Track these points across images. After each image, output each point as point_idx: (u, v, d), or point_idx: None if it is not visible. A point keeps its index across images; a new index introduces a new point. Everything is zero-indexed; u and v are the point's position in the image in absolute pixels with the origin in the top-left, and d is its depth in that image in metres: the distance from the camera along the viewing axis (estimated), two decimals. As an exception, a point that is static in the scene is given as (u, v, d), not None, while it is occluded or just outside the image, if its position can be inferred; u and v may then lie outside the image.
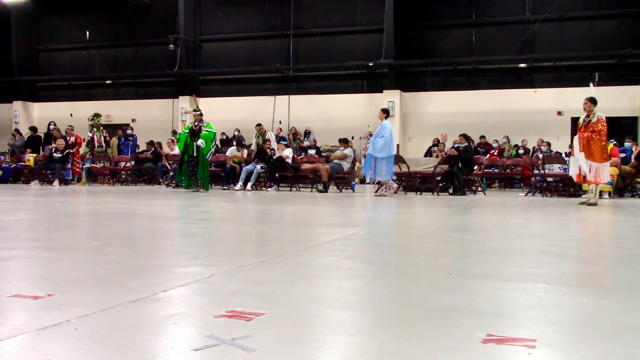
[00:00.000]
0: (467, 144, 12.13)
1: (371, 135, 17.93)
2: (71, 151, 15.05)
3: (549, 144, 15.94)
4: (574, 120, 10.17)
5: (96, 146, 15.78)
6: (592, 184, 8.90)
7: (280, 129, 18.98)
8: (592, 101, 8.84)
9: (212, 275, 2.80)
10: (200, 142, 11.59)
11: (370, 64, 19.02)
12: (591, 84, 9.89)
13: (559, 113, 17.48)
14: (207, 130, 11.76)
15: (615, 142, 12.34)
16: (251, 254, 3.84)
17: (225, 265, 3.13)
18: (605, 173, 8.73)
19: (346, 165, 12.56)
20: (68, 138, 15.27)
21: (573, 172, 9.18)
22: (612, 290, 2.70)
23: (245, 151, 14.19)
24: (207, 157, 11.98)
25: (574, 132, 10.36)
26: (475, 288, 2.64)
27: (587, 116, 8.84)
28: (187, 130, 11.91)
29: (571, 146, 9.40)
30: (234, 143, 15.28)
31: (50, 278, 2.80)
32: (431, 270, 3.16)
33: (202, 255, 3.65)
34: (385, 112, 10.99)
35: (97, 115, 16.06)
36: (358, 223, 6.09)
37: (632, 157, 12.41)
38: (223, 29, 21.29)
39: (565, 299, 2.47)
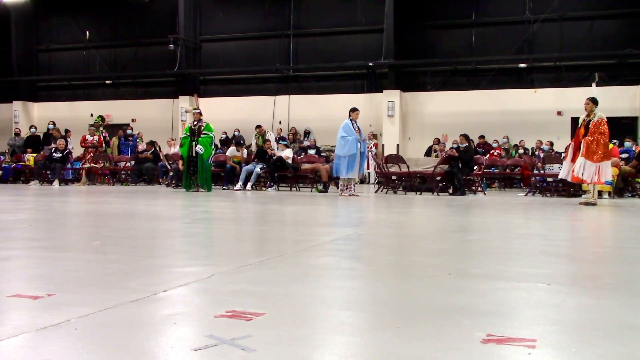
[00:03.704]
0: (467, 144, 12.13)
1: (373, 135, 18.04)
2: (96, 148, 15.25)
3: (551, 143, 15.93)
4: (574, 120, 10.17)
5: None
6: (590, 184, 8.91)
7: (281, 129, 18.99)
8: (594, 101, 8.85)
9: (212, 275, 2.80)
10: (199, 148, 11.58)
11: (370, 64, 19.02)
12: (593, 84, 9.90)
13: (559, 113, 17.48)
14: (205, 133, 11.74)
15: (616, 142, 12.33)
16: (251, 254, 3.84)
17: (225, 265, 3.13)
18: (607, 171, 8.73)
19: (346, 165, 12.53)
20: (92, 138, 15.37)
21: (564, 175, 9.21)
22: (612, 290, 2.70)
23: (245, 151, 14.19)
24: (209, 160, 11.99)
25: (573, 132, 10.35)
26: (475, 288, 2.64)
27: (588, 116, 8.84)
28: (187, 133, 11.90)
29: (566, 151, 9.37)
30: (234, 143, 15.27)
31: (50, 278, 2.80)
32: (431, 270, 3.16)
33: (202, 255, 3.65)
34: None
35: (100, 117, 16.13)
36: (358, 223, 6.09)
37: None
38: (223, 29, 21.29)
39: (565, 299, 2.47)
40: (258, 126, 15.23)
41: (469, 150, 12.29)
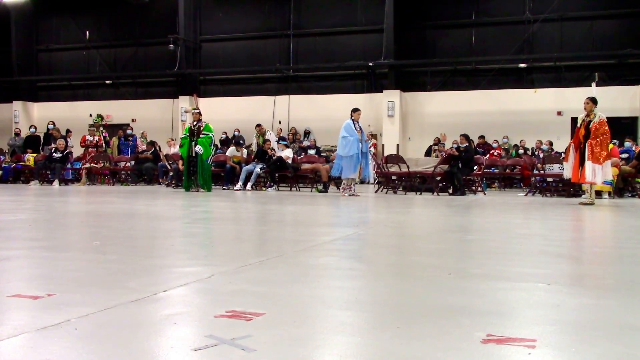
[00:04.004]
0: (467, 144, 12.12)
1: (372, 135, 18.04)
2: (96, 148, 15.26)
3: (550, 143, 15.93)
4: (574, 120, 10.16)
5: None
6: (586, 184, 8.88)
7: (281, 129, 18.99)
8: (593, 101, 8.84)
9: (212, 275, 2.80)
10: (198, 148, 11.59)
11: (370, 64, 19.03)
12: (593, 84, 9.90)
13: (559, 113, 17.48)
14: (205, 134, 11.75)
15: (616, 142, 12.32)
16: (251, 254, 3.83)
17: (225, 265, 3.13)
18: (607, 170, 8.73)
19: (346, 166, 12.53)
20: (92, 138, 15.39)
21: (568, 175, 9.18)
22: (612, 290, 2.70)
23: (245, 151, 14.18)
24: (209, 161, 11.98)
25: (574, 132, 10.32)
26: (475, 288, 2.64)
27: (587, 116, 8.82)
28: (187, 133, 11.91)
29: (566, 152, 9.33)
30: (233, 143, 15.27)
31: (50, 278, 2.80)
32: (431, 270, 3.16)
33: (202, 255, 3.65)
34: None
35: (99, 116, 16.15)
36: (358, 223, 6.09)
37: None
38: (223, 29, 21.29)
39: (565, 299, 2.47)
40: (258, 125, 15.24)
41: (469, 150, 12.28)
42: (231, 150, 14.08)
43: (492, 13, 18.71)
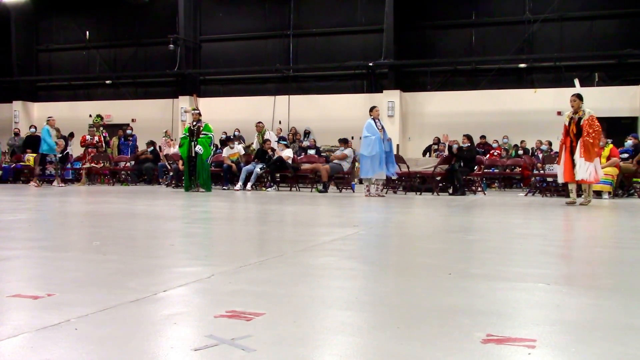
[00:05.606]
0: (469, 144, 12.13)
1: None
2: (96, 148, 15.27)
3: (549, 143, 15.94)
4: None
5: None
6: (585, 184, 8.87)
7: (281, 129, 18.98)
8: (580, 98, 8.82)
9: (212, 275, 2.80)
10: (198, 148, 11.61)
11: (370, 64, 19.02)
12: (576, 81, 9.91)
13: (559, 113, 17.44)
14: (204, 134, 11.76)
15: (611, 141, 12.31)
16: (251, 254, 3.83)
17: (225, 265, 3.13)
18: (599, 169, 8.73)
19: (346, 166, 12.57)
20: (92, 139, 15.41)
21: (561, 178, 9.10)
22: (612, 291, 2.70)
23: (239, 147, 14.15)
24: (208, 161, 12.00)
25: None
26: (475, 288, 2.64)
27: (576, 113, 8.80)
28: (187, 133, 11.92)
29: (559, 154, 9.27)
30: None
31: (50, 278, 2.80)
32: (431, 270, 3.16)
33: (202, 255, 3.64)
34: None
35: (98, 117, 16.15)
36: (358, 223, 6.09)
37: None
38: (223, 29, 21.30)
39: (565, 299, 2.47)
40: (258, 123, 15.24)
41: (472, 149, 12.28)
42: (226, 150, 14.04)
43: (492, 13, 18.71)
